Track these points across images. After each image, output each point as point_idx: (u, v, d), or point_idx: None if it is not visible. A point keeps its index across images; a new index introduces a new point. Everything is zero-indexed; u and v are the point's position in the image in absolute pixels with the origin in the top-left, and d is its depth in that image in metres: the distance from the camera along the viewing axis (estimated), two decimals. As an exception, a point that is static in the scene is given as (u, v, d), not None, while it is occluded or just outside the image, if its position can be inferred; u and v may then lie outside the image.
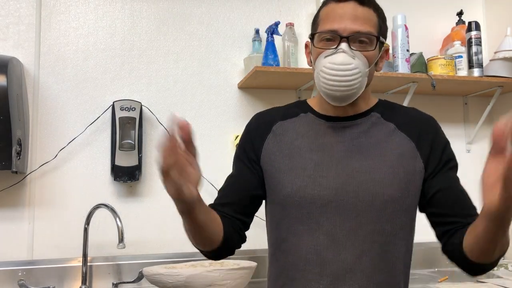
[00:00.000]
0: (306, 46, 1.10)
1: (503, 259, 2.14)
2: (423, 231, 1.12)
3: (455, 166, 1.05)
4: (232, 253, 1.09)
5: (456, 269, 1.06)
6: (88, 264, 1.71)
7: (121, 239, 1.50)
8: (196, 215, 0.98)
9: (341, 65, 0.95)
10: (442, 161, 1.02)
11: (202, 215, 1.00)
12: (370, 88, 1.06)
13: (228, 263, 1.66)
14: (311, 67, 1.05)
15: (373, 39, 0.98)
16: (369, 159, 0.99)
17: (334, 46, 0.97)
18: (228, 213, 1.08)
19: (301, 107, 1.10)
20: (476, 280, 1.83)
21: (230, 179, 1.14)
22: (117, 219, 1.52)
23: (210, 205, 1.09)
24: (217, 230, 1.04)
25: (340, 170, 1.00)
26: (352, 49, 0.96)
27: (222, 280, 1.49)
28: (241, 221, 1.10)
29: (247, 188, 1.10)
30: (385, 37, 1.03)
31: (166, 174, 0.84)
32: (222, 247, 1.05)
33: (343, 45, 0.96)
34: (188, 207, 0.94)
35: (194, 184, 0.88)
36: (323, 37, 0.99)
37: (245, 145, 1.14)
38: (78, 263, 1.72)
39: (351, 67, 0.95)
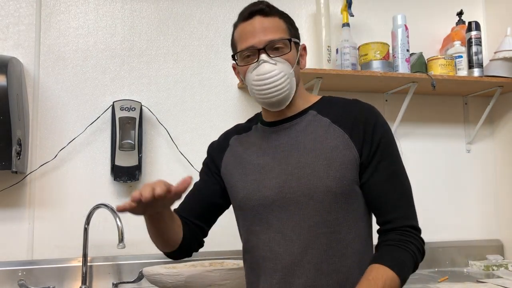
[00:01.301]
0: (234, 68, 1.23)
1: (503, 259, 2.14)
2: (423, 230, 1.12)
3: (388, 157, 1.06)
4: (189, 255, 1.22)
5: (456, 269, 1.08)
6: (88, 264, 1.71)
7: (121, 239, 1.50)
8: (163, 221, 1.09)
9: (267, 74, 1.06)
10: (372, 151, 1.05)
11: (167, 220, 1.10)
12: (301, 87, 1.16)
13: (228, 263, 1.66)
14: (310, 68, 1.22)
15: (286, 43, 1.08)
16: (307, 155, 1.07)
17: (256, 60, 1.07)
18: (189, 218, 1.19)
19: (254, 120, 1.24)
20: (476, 280, 1.84)
21: (192, 189, 1.24)
22: (117, 219, 1.52)
23: (174, 210, 1.17)
24: (177, 234, 1.15)
25: (281, 169, 1.09)
26: (272, 57, 1.06)
27: (222, 280, 1.49)
28: (199, 227, 1.22)
29: (206, 196, 1.23)
30: (298, 38, 1.14)
31: (139, 206, 0.92)
32: (180, 249, 1.18)
33: (263, 56, 1.06)
34: (158, 216, 1.06)
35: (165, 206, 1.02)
36: (244, 55, 1.12)
37: (207, 160, 1.29)
38: (78, 263, 1.72)
39: (276, 72, 1.06)
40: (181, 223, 1.16)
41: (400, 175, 1.07)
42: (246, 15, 1.11)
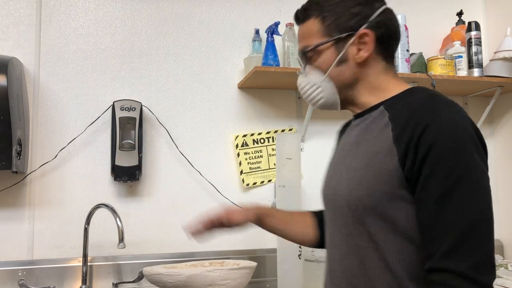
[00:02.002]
0: None
1: (503, 259, 2.14)
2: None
3: (441, 172, 0.79)
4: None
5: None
6: (88, 264, 1.71)
7: (121, 239, 1.50)
8: (265, 226, 1.21)
9: (300, 87, 1.04)
10: (418, 163, 0.81)
11: (273, 224, 1.20)
12: (368, 81, 0.98)
13: (228, 263, 1.66)
14: None
15: (316, 48, 0.97)
16: (355, 158, 0.95)
17: None
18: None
19: None
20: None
21: None
22: (117, 219, 1.52)
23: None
24: (303, 234, 1.19)
25: (336, 170, 1.02)
26: (305, 68, 1.01)
27: (222, 280, 1.49)
28: None
29: None
30: (342, 29, 0.95)
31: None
32: (319, 243, 1.17)
33: (302, 68, 1.03)
34: (258, 224, 1.21)
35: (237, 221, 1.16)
36: None
37: None
38: (78, 263, 1.72)
39: (303, 85, 1.02)
40: (306, 222, 1.19)
41: (455, 198, 0.77)
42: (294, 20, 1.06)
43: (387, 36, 0.96)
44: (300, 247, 1.64)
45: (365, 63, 0.96)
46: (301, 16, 1.02)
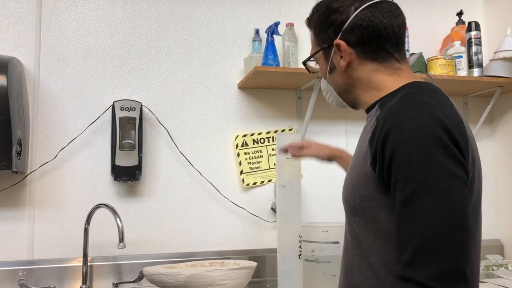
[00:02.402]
0: None
1: (503, 259, 2.14)
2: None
3: (404, 176, 0.76)
4: None
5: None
6: (89, 264, 1.71)
7: (121, 239, 1.50)
8: (339, 165, 1.41)
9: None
10: (386, 167, 0.80)
11: (344, 165, 1.39)
12: (364, 82, 0.97)
13: (228, 263, 1.66)
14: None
15: (316, 58, 1.03)
16: (353, 157, 0.96)
17: None
18: None
19: None
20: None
21: None
22: (117, 219, 1.52)
23: None
24: None
25: (349, 169, 1.03)
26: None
27: (222, 280, 1.49)
28: None
29: None
30: (325, 41, 0.98)
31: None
32: None
33: None
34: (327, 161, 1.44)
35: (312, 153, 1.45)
36: None
37: None
38: (79, 263, 1.72)
39: (322, 88, 1.11)
40: None
41: (415, 205, 0.74)
42: None
43: (367, 37, 0.93)
44: (300, 247, 1.64)
45: (352, 68, 0.96)
46: (307, 25, 1.06)
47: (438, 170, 0.74)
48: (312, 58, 1.04)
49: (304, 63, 1.08)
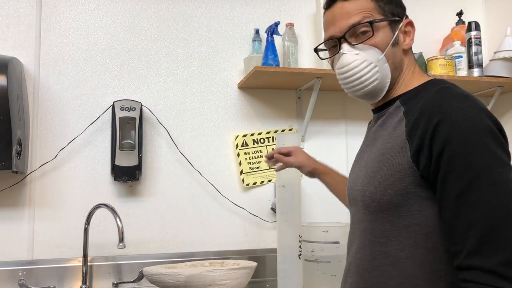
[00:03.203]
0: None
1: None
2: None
3: (458, 169, 0.76)
4: None
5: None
6: (88, 264, 1.71)
7: (121, 239, 1.50)
8: (322, 180, 1.39)
9: (347, 66, 0.95)
10: (434, 160, 0.80)
11: (327, 181, 1.37)
12: (410, 69, 0.98)
13: (228, 263, 1.66)
14: (310, 68, 1.11)
15: (373, 25, 0.93)
16: (372, 153, 0.95)
17: (337, 51, 0.97)
18: None
19: None
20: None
21: None
22: (117, 219, 1.52)
23: None
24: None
25: (357, 166, 1.03)
26: (354, 45, 0.94)
27: (222, 280, 1.49)
28: None
29: None
30: (394, 14, 0.95)
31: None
32: None
33: (344, 46, 0.95)
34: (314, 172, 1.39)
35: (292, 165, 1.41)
36: (329, 46, 1.01)
37: None
38: (78, 263, 1.73)
39: (357, 63, 0.94)
40: None
41: (474, 194, 0.74)
42: (328, 1, 0.99)
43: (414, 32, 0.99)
44: (300, 247, 1.64)
45: (407, 52, 0.98)
46: None
47: (493, 160, 0.75)
48: (373, 24, 0.93)
49: (358, 27, 0.93)
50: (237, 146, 1.98)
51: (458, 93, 0.84)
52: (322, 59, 1.08)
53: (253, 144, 2.00)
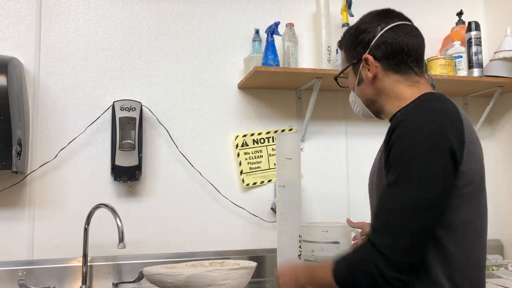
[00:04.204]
0: None
1: (503, 259, 2.14)
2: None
3: (398, 162, 0.91)
4: None
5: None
6: (88, 264, 1.71)
7: (121, 239, 1.50)
8: None
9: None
10: (389, 158, 0.95)
11: None
12: (388, 94, 1.11)
13: (228, 263, 1.66)
14: (310, 68, 1.22)
15: (346, 73, 1.18)
16: (380, 159, 1.09)
17: None
18: None
19: None
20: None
21: None
22: (117, 219, 1.52)
23: None
24: None
25: (373, 165, 1.17)
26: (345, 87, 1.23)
27: (222, 280, 1.49)
28: None
29: None
30: (354, 56, 1.14)
31: None
32: None
33: None
34: None
35: None
36: None
37: None
38: (78, 263, 1.72)
39: (349, 100, 1.23)
40: None
41: (396, 189, 0.90)
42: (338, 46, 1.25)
43: (391, 52, 1.08)
44: (300, 246, 1.64)
45: (377, 80, 1.10)
46: (338, 46, 1.23)
47: (423, 165, 0.88)
48: (343, 72, 1.19)
49: (335, 78, 1.22)
50: (237, 146, 1.98)
51: (423, 105, 0.97)
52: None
53: (253, 144, 2.00)
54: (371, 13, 1.15)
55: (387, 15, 1.12)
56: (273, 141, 2.02)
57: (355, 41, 1.13)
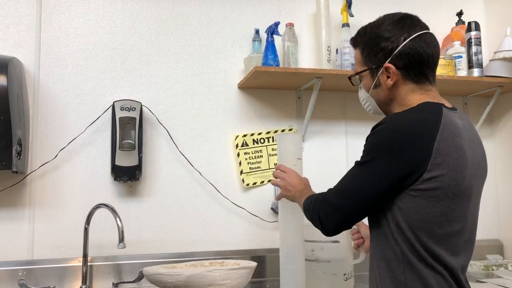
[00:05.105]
0: None
1: (503, 259, 2.14)
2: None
3: (356, 162, 1.12)
4: None
5: (456, 269, 1.06)
6: (88, 264, 1.71)
7: (121, 239, 1.50)
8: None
9: (359, 98, 1.29)
10: None
11: None
12: (398, 101, 1.17)
13: (228, 263, 1.66)
14: (310, 68, 1.22)
15: (360, 75, 1.21)
16: None
17: None
18: None
19: None
20: (476, 280, 1.84)
21: None
22: (117, 219, 1.52)
23: None
24: None
25: None
26: (360, 86, 1.26)
27: (222, 280, 1.49)
28: None
29: None
30: (374, 63, 1.16)
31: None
32: None
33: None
34: None
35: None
36: None
37: None
38: (78, 263, 1.72)
39: (360, 96, 1.27)
40: None
41: (350, 175, 1.13)
42: (352, 44, 1.29)
43: (413, 63, 1.11)
44: (303, 246, 1.64)
45: (395, 87, 1.15)
46: (352, 44, 1.26)
47: (371, 164, 1.06)
48: (359, 73, 1.23)
49: (350, 77, 1.26)
50: (237, 146, 1.98)
51: (405, 117, 1.06)
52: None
53: (253, 144, 2.00)
54: (391, 18, 1.16)
55: (409, 23, 1.14)
56: (273, 141, 2.02)
57: (376, 47, 1.15)
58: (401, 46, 1.11)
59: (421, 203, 1.02)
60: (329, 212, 1.14)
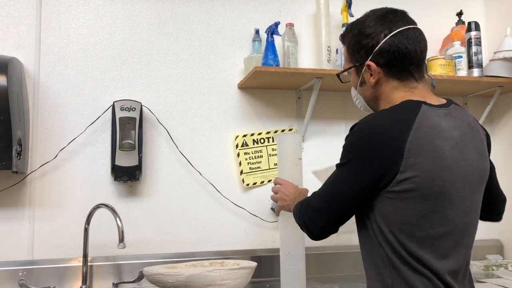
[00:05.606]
0: None
1: (503, 259, 2.14)
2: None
3: (336, 164, 1.11)
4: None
5: (456, 269, 1.06)
6: (89, 264, 1.71)
7: (121, 239, 1.50)
8: None
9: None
10: None
11: None
12: (385, 98, 1.15)
13: (228, 263, 1.66)
14: (310, 68, 1.21)
15: (349, 72, 1.19)
16: None
17: None
18: None
19: None
20: (476, 280, 1.84)
21: None
22: (117, 219, 1.52)
23: None
24: None
25: None
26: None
27: (222, 280, 1.50)
28: None
29: None
30: (358, 60, 1.14)
31: None
32: None
33: None
34: None
35: None
36: None
37: None
38: (79, 263, 1.73)
39: (352, 95, 1.26)
40: None
41: (330, 179, 1.13)
42: (341, 40, 1.26)
43: (394, 60, 1.09)
44: (303, 245, 1.64)
45: (378, 85, 1.13)
46: (341, 41, 1.22)
47: (348, 166, 1.06)
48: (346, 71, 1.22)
49: (338, 75, 1.26)
50: (237, 146, 1.98)
51: (374, 116, 1.08)
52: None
53: (253, 144, 2.01)
54: (375, 13, 1.12)
55: (391, 18, 1.10)
56: (273, 141, 2.02)
57: (358, 44, 1.12)
58: (382, 43, 1.08)
59: (398, 205, 1.00)
60: (312, 217, 1.13)
